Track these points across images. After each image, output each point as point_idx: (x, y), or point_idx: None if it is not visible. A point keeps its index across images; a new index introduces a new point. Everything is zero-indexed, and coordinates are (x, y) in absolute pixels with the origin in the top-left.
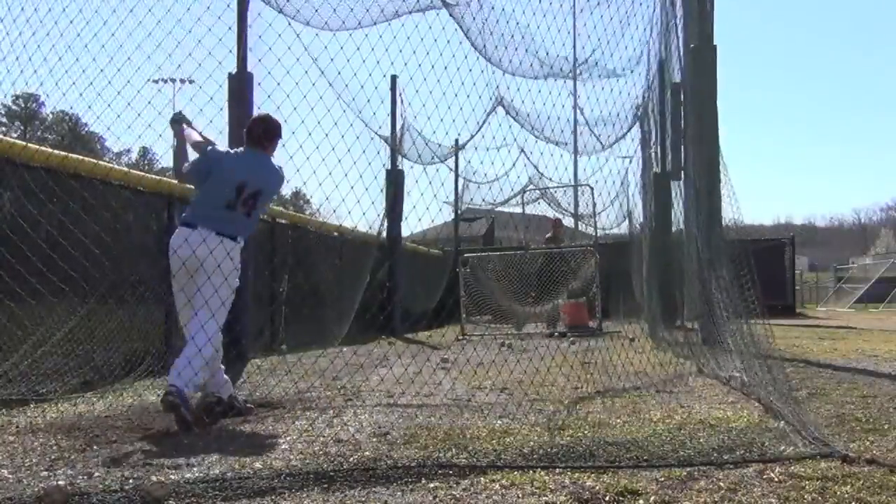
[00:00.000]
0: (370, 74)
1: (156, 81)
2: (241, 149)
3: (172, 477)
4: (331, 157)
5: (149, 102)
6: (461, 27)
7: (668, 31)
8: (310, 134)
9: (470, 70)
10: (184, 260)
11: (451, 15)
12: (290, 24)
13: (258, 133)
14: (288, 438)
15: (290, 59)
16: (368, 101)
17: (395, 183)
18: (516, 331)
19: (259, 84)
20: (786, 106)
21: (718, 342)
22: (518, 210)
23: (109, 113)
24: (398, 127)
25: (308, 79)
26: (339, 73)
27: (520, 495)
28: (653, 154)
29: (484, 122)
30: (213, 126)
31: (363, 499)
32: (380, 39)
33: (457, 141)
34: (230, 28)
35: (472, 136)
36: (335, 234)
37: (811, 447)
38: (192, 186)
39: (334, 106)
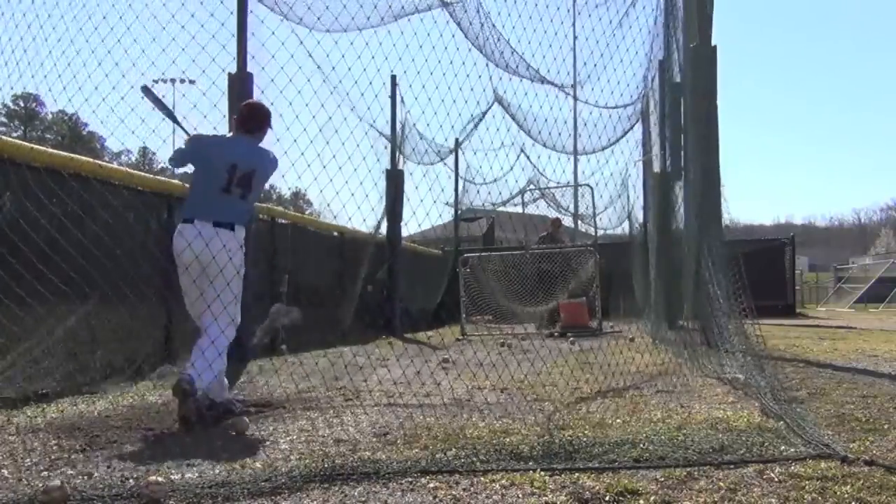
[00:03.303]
0: (369, 78)
1: (156, 81)
2: (229, 134)
3: (172, 477)
4: (330, 158)
5: (154, 107)
6: (460, 27)
7: (668, 30)
8: (311, 139)
9: (468, 75)
10: (187, 263)
11: (450, 16)
12: (292, 27)
13: (244, 117)
14: (288, 438)
15: (290, 59)
16: (365, 100)
17: (394, 183)
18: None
19: (262, 90)
20: (786, 106)
21: (718, 342)
22: (518, 210)
23: (111, 115)
24: (398, 127)
25: (304, 77)
26: (339, 78)
27: (520, 495)
28: (653, 154)
29: (480, 120)
30: (209, 122)
31: (363, 499)
32: (377, 41)
33: (456, 141)
34: (232, 34)
35: (469, 136)
36: (335, 233)
37: (811, 447)
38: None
39: (332, 105)
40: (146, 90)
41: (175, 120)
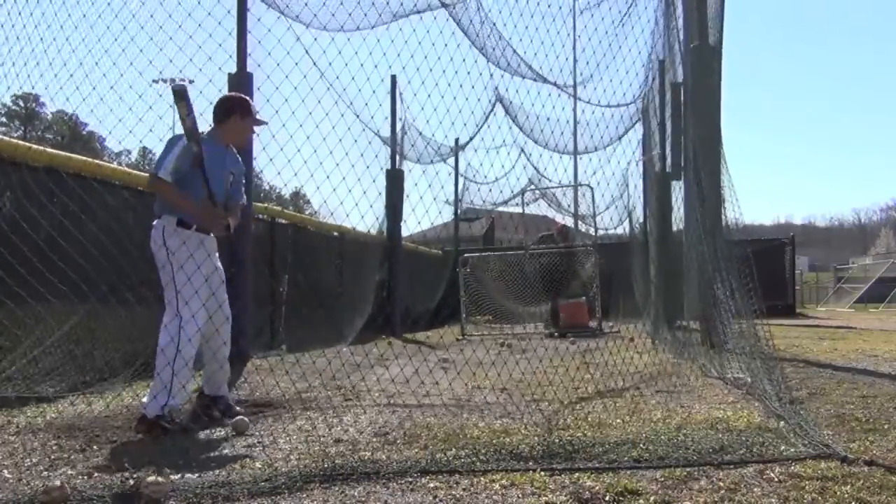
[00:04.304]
0: (368, 78)
1: (155, 81)
2: None
3: (172, 477)
4: (330, 158)
5: (154, 107)
6: (460, 27)
7: (668, 30)
8: (308, 137)
9: (469, 73)
10: None
11: (450, 16)
12: (292, 27)
13: None
14: (288, 438)
15: (289, 60)
16: (367, 103)
17: (395, 183)
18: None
19: (259, 89)
20: (786, 106)
21: (721, 343)
22: (518, 210)
23: (111, 115)
24: (398, 127)
25: (305, 76)
26: (338, 76)
27: (520, 495)
28: (654, 154)
29: (484, 123)
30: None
31: (363, 499)
32: (377, 43)
33: (457, 141)
34: (230, 32)
35: (472, 139)
36: (335, 233)
37: (811, 447)
38: None
39: (333, 106)
40: (179, 92)
41: (193, 133)
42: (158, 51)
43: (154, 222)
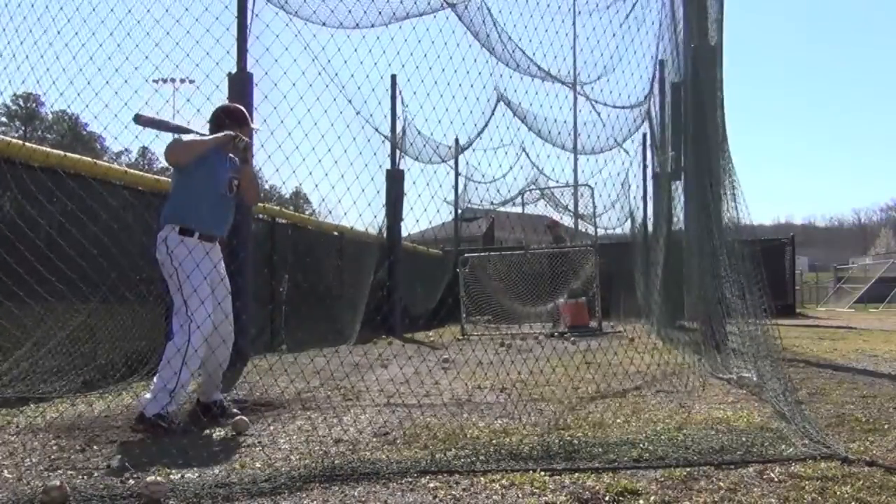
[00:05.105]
0: (367, 76)
1: (155, 81)
2: None
3: (172, 477)
4: (331, 157)
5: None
6: (465, 25)
7: (668, 30)
8: (307, 135)
9: (468, 72)
10: None
11: (452, 15)
12: (293, 26)
13: None
14: (288, 438)
15: (291, 59)
16: (366, 101)
17: (395, 182)
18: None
19: (257, 85)
20: (786, 106)
21: (724, 342)
22: (518, 210)
23: (109, 113)
24: (398, 126)
25: (308, 77)
26: (335, 71)
27: (520, 495)
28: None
29: (485, 124)
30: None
31: (363, 499)
32: (376, 38)
33: (457, 140)
34: (232, 33)
35: (472, 141)
36: (335, 233)
37: (811, 447)
38: None
39: (334, 105)
40: (138, 118)
41: (180, 129)
42: (164, 56)
43: (160, 230)
